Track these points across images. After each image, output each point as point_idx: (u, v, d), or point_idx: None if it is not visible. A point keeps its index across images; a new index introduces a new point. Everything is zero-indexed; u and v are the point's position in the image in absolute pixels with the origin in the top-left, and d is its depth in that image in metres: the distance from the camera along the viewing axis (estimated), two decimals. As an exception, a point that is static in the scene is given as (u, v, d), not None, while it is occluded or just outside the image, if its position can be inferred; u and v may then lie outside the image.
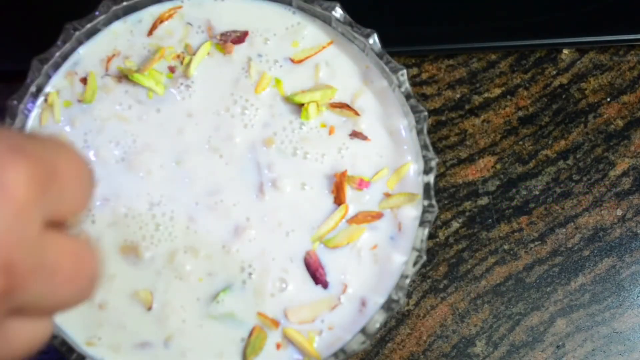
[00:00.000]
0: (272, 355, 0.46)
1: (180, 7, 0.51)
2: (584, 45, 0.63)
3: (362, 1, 0.60)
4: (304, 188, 0.48)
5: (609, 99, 0.63)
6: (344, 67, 0.50)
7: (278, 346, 0.46)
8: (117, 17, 0.51)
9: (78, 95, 0.49)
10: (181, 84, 0.50)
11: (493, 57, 0.63)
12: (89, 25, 0.49)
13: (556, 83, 0.63)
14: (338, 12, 0.50)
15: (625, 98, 0.63)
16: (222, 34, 0.51)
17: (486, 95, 0.62)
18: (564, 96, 0.63)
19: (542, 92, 0.63)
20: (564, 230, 0.60)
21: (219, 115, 0.49)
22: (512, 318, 0.59)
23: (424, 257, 0.47)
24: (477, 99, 0.62)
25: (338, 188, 0.48)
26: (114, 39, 0.51)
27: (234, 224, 0.48)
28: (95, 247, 0.30)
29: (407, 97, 0.49)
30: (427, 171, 0.48)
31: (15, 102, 0.47)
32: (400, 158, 0.49)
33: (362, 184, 0.48)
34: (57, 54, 0.49)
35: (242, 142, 0.49)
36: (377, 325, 0.46)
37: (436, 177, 0.50)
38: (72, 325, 0.46)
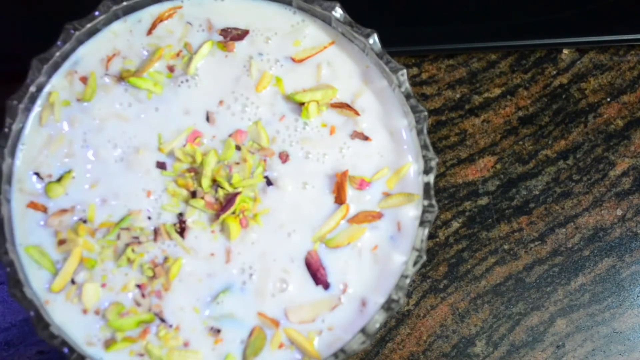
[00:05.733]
0: (272, 355, 0.46)
1: (180, 7, 0.51)
2: (584, 45, 0.63)
3: (362, 1, 0.60)
4: (305, 187, 0.48)
5: (609, 99, 0.63)
6: (345, 67, 0.50)
7: (278, 346, 0.46)
8: (117, 17, 0.51)
9: (77, 94, 0.49)
10: (181, 82, 0.50)
11: (493, 57, 0.63)
12: (89, 25, 0.49)
13: (556, 83, 0.63)
14: (338, 12, 0.50)
15: (625, 98, 0.63)
16: (222, 30, 0.51)
17: (486, 95, 0.62)
18: (564, 96, 0.63)
19: (542, 92, 0.63)
20: (564, 230, 0.60)
21: (219, 113, 0.49)
22: (512, 318, 0.59)
23: (424, 257, 0.47)
24: (477, 99, 0.62)
25: (339, 188, 0.48)
26: (114, 39, 0.51)
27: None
28: None
29: (407, 97, 0.49)
30: (427, 171, 0.48)
31: (15, 102, 0.47)
32: (401, 158, 0.49)
33: (363, 184, 0.48)
34: (57, 54, 0.49)
35: (242, 142, 0.49)
36: (377, 325, 0.46)
37: (436, 177, 0.50)
38: (72, 325, 0.46)
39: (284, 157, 0.49)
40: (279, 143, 0.49)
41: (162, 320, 0.46)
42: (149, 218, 0.48)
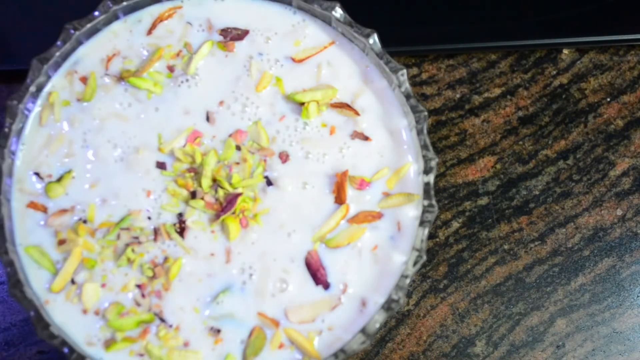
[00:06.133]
0: (272, 355, 0.46)
1: (180, 7, 0.51)
2: (584, 45, 0.63)
3: (362, 1, 0.60)
4: (305, 187, 0.48)
5: (609, 99, 0.63)
6: (345, 67, 0.50)
7: (278, 346, 0.46)
8: (116, 17, 0.51)
9: (77, 94, 0.49)
10: (181, 82, 0.50)
11: (493, 57, 0.63)
12: (89, 25, 0.49)
13: (556, 83, 0.63)
14: (338, 12, 0.50)
15: (625, 98, 0.63)
16: (222, 30, 0.51)
17: (486, 95, 0.62)
18: (564, 96, 0.63)
19: (542, 92, 0.63)
20: (564, 230, 0.60)
21: (219, 113, 0.49)
22: (512, 318, 0.59)
23: (424, 257, 0.46)
24: (477, 99, 0.62)
25: (339, 188, 0.48)
26: (114, 39, 0.51)
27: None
28: None
29: (407, 97, 0.49)
30: (427, 171, 0.48)
31: (15, 102, 0.47)
32: (401, 158, 0.49)
33: (363, 184, 0.48)
34: (57, 53, 0.49)
35: (242, 142, 0.49)
36: (377, 325, 0.46)
37: (436, 177, 0.50)
38: (72, 325, 0.46)
39: (284, 157, 0.49)
40: (279, 143, 0.49)
41: (162, 320, 0.46)
42: (149, 218, 0.48)
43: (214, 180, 0.48)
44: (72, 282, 0.46)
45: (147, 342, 0.46)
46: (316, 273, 0.47)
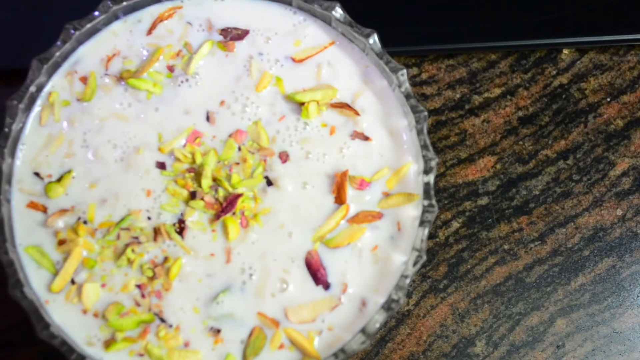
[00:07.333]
0: (272, 355, 0.46)
1: (180, 7, 0.51)
2: (584, 45, 0.63)
3: (362, 1, 0.60)
4: (306, 187, 0.48)
5: (609, 99, 0.63)
6: (345, 67, 0.50)
7: (278, 346, 0.46)
8: (116, 17, 0.51)
9: (77, 94, 0.49)
10: (181, 82, 0.50)
11: (493, 57, 0.63)
12: (89, 25, 0.49)
13: (556, 83, 0.63)
14: (338, 12, 0.50)
15: (625, 98, 0.63)
16: (222, 30, 0.51)
17: (486, 95, 0.62)
18: (564, 96, 0.63)
19: (542, 92, 0.63)
20: (564, 230, 0.60)
21: (219, 113, 0.49)
22: (512, 318, 0.59)
23: (424, 257, 0.46)
24: (477, 99, 0.62)
25: (339, 188, 0.48)
26: (114, 39, 0.51)
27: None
28: None
29: (407, 97, 0.49)
30: (427, 171, 0.48)
31: (15, 102, 0.47)
32: (401, 158, 0.49)
33: (363, 184, 0.48)
34: (57, 54, 0.49)
35: (242, 142, 0.49)
36: (377, 325, 0.46)
37: (436, 177, 0.50)
38: (72, 325, 0.46)
39: (284, 157, 0.49)
40: (279, 143, 0.49)
41: (162, 320, 0.46)
42: (149, 218, 0.48)
43: (214, 180, 0.48)
44: (72, 282, 0.46)
45: (147, 342, 0.46)
46: (316, 273, 0.47)
